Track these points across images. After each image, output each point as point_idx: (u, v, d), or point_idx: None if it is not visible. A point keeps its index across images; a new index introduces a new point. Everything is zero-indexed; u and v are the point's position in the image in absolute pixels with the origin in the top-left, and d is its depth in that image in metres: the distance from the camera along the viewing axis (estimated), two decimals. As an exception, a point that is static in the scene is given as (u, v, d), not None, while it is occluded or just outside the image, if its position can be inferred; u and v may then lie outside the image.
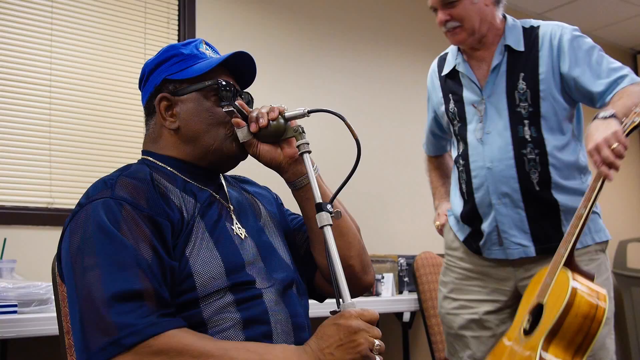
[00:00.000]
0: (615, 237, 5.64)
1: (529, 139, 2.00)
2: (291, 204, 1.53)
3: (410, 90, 4.16)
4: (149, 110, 1.32)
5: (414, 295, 3.01)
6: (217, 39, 3.30)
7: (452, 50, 2.25)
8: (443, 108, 2.20)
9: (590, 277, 1.76)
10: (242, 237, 1.27)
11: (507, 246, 2.04)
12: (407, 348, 3.29)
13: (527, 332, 1.78)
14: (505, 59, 2.06)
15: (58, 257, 1.21)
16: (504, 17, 2.12)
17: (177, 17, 3.23)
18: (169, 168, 1.27)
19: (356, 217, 1.44)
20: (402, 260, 3.27)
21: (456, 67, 2.16)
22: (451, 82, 2.19)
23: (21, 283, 2.08)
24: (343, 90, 3.82)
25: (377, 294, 3.06)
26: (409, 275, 3.24)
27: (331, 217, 1.18)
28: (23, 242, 2.60)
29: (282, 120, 1.29)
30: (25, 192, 2.70)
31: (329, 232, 1.16)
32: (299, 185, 1.34)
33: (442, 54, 2.31)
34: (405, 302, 3.05)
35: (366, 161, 2.69)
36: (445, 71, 2.20)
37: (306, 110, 1.29)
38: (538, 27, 2.07)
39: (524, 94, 2.02)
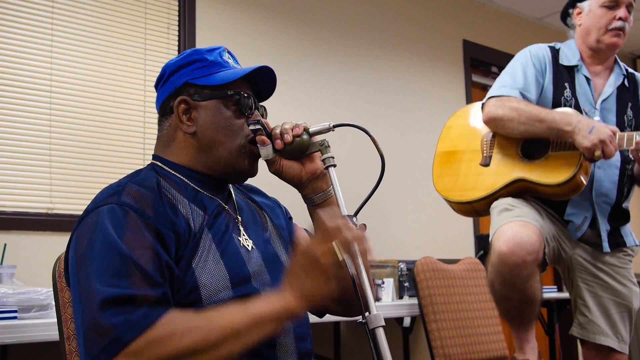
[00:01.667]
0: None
1: (631, 159, 2.27)
2: (298, 218, 1.53)
3: (412, 96, 4.17)
4: (165, 111, 1.31)
5: (415, 300, 3.01)
6: (217, 44, 3.30)
7: (567, 47, 2.40)
8: (552, 88, 2.32)
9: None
10: (249, 248, 1.26)
11: (603, 239, 2.28)
12: (408, 353, 3.28)
13: (526, 156, 2.28)
14: (619, 84, 2.34)
15: (65, 263, 1.21)
16: None
17: (177, 22, 3.24)
18: (178, 176, 1.26)
19: (357, 217, 1.44)
20: (402, 265, 3.27)
21: (578, 67, 2.33)
22: (565, 74, 2.34)
23: (21, 289, 2.07)
24: (344, 96, 3.82)
25: (378, 299, 3.05)
26: (409, 280, 3.24)
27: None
28: (23, 247, 2.59)
29: (305, 136, 1.28)
30: (25, 197, 2.70)
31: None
32: (318, 201, 1.34)
33: (549, 44, 2.42)
34: (406, 307, 3.04)
35: (366, 166, 2.69)
36: (565, 62, 2.35)
37: (331, 125, 1.28)
38: (633, 73, 2.42)
39: (630, 120, 2.31)
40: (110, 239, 1.08)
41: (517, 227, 2.06)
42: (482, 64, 4.73)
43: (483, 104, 2.33)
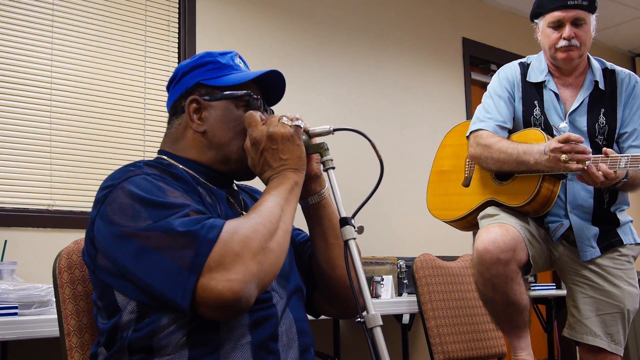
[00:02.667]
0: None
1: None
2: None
3: (412, 94, 4.17)
4: (175, 110, 1.33)
5: (414, 297, 3.01)
6: (217, 42, 3.31)
7: (537, 61, 2.44)
8: (522, 108, 2.39)
9: None
10: None
11: (580, 249, 2.29)
12: (407, 350, 3.29)
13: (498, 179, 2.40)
14: (590, 92, 2.33)
15: (90, 244, 1.16)
16: None
17: (177, 20, 3.24)
18: (186, 169, 1.27)
19: (356, 218, 1.45)
20: (401, 262, 3.28)
21: (545, 83, 2.36)
22: (534, 90, 2.39)
23: (22, 285, 2.08)
24: (343, 94, 3.82)
25: (377, 296, 3.06)
26: (408, 278, 3.25)
27: (354, 231, 1.20)
28: (24, 244, 2.60)
29: (305, 137, 1.29)
30: (25, 193, 2.71)
31: (353, 246, 1.19)
32: (312, 202, 1.36)
33: (521, 60, 2.49)
34: (405, 304, 3.05)
35: (365, 163, 2.70)
36: (533, 80, 2.40)
37: (331, 128, 1.30)
38: (614, 70, 2.36)
39: (602, 128, 2.30)
40: (153, 196, 1.10)
41: (492, 228, 2.19)
42: (481, 62, 4.73)
43: (468, 137, 2.46)
